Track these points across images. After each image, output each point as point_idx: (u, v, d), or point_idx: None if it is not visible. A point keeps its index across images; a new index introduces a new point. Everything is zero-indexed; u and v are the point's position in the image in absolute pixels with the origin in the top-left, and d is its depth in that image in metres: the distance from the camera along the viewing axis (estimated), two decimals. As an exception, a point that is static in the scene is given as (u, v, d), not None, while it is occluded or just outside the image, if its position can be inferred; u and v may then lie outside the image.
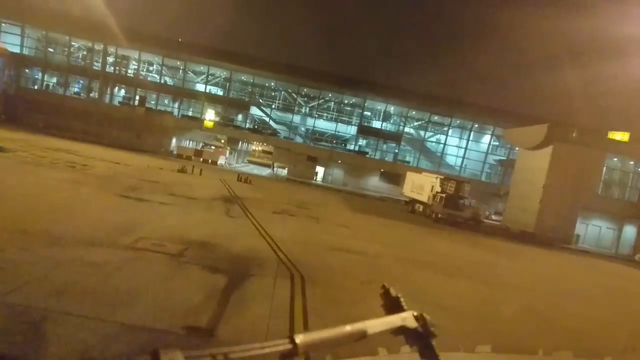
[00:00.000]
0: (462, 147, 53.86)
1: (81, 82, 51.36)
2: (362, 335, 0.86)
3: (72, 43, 49.30)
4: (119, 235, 9.27)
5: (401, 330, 0.97)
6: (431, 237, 21.03)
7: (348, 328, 0.84)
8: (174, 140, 51.12)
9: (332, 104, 54.94)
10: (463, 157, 53.40)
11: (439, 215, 27.83)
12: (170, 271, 7.65)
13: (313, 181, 49.94)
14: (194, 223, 12.42)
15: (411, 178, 33.65)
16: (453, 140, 54.11)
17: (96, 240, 8.61)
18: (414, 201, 32.23)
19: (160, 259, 8.25)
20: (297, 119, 53.79)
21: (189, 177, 25.41)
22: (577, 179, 29.78)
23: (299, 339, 0.74)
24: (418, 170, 42.29)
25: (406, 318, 0.98)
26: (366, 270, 10.90)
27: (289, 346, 0.73)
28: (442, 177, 29.97)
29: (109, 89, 50.38)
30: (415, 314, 1.00)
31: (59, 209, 11.01)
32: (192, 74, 53.41)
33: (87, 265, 7.11)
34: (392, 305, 1.03)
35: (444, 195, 28.16)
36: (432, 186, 29.58)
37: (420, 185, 31.21)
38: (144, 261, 7.94)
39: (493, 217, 43.49)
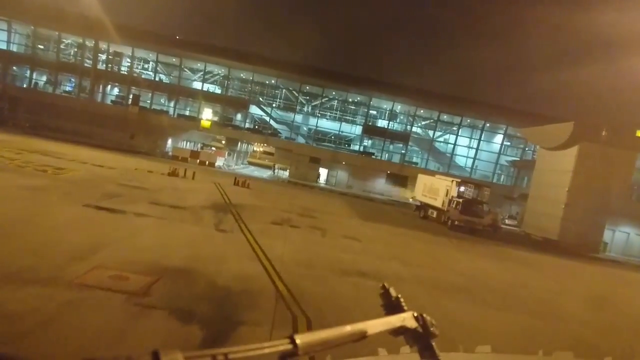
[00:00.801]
0: (473, 148, 51.60)
1: (71, 80, 49.38)
2: (362, 336, 0.87)
3: (62, 39, 47.29)
4: (67, 264, 7.07)
5: (401, 331, 0.97)
6: (451, 249, 18.78)
7: (348, 328, 0.85)
8: (169, 141, 49.07)
9: (335, 103, 52.80)
10: (474, 158, 51.10)
11: (456, 223, 25.57)
12: (121, 327, 5.42)
13: (316, 184, 47.77)
14: (174, 241, 10.21)
15: (423, 181, 31.39)
16: (463, 140, 51.83)
17: (31, 273, 6.40)
18: (426, 206, 29.99)
19: (113, 302, 6.02)
20: (299, 118, 51.66)
21: (179, 181, 23.21)
22: (606, 182, 27.46)
23: (299, 339, 0.74)
24: (430, 172, 40.07)
25: (406, 318, 0.99)
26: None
27: (289, 346, 0.73)
28: (458, 180, 27.73)
29: (100, 88, 48.34)
30: (415, 314, 1.00)
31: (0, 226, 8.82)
32: (188, 71, 51.36)
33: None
34: (392, 306, 1.03)
35: (461, 200, 25.90)
36: (447, 190, 27.34)
37: (434, 189, 28.96)
38: (87, 309, 5.72)
39: (507, 221, 41.27)
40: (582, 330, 9.37)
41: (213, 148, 51.56)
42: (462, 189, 26.93)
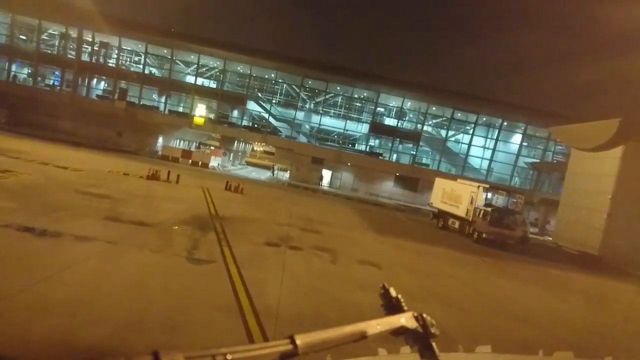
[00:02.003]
0: (489, 148, 48.17)
1: (54, 72, 46.17)
2: (362, 336, 0.88)
3: (43, 28, 44.01)
4: None
5: (401, 331, 0.98)
6: (490, 273, 15.39)
7: (348, 328, 0.86)
8: (160, 140, 45.83)
9: (340, 99, 49.43)
10: (490, 160, 47.66)
11: (484, 236, 22.16)
12: None
13: (319, 186, 44.43)
14: (111, 286, 6.86)
15: (442, 186, 27.98)
16: (478, 140, 48.37)
17: None
18: (445, 215, 26.58)
19: None
20: (300, 115, 48.30)
21: (159, 187, 19.86)
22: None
23: (300, 339, 0.75)
24: (444, 175, 36.74)
25: (406, 318, 0.99)
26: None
27: (290, 346, 0.74)
28: (486, 186, 24.34)
29: (85, 81, 45.03)
30: (415, 314, 1.01)
31: None
32: (180, 64, 48.04)
33: None
34: (392, 306, 1.03)
35: (490, 209, 22.50)
36: (472, 197, 23.94)
37: (456, 196, 25.56)
38: None
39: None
40: None
41: (212, 147, 48.40)
42: (490, 196, 23.56)
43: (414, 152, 48.38)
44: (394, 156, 48.82)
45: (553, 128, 33.04)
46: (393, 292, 1.07)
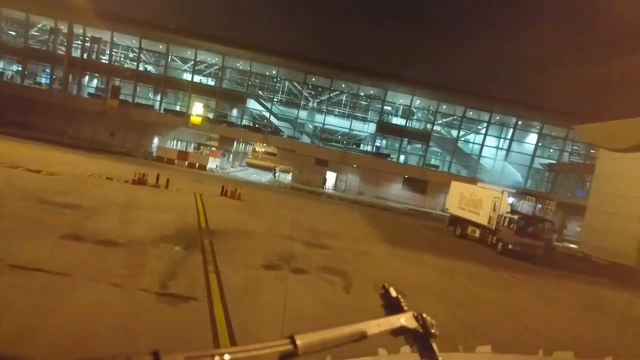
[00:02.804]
0: (503, 149, 45.89)
1: (42, 69, 44.22)
2: (363, 336, 0.89)
3: (31, 21, 42.03)
4: None
5: (401, 331, 0.98)
6: (525, 293, 13.21)
7: (348, 328, 0.87)
8: (155, 140, 43.82)
9: (345, 97, 47.32)
10: (504, 161, 45.38)
11: (510, 247, 19.95)
12: None
13: (323, 189, 42.34)
14: (37, 350, 4.71)
15: (459, 190, 25.77)
16: (491, 140, 46.10)
17: None
18: (464, 222, 24.39)
19: None
20: (303, 114, 46.12)
21: (145, 193, 17.74)
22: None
23: (300, 339, 0.76)
24: (463, 178, 34.61)
25: (406, 318, 1.00)
26: None
27: (290, 347, 0.74)
28: (512, 190, 22.17)
29: (75, 78, 43.02)
30: (415, 314, 1.02)
31: None
32: (176, 60, 46.01)
33: None
34: (392, 306, 1.04)
35: (516, 217, 20.32)
36: (495, 203, 21.75)
37: (476, 201, 23.36)
38: None
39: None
40: None
41: (213, 148, 46.40)
42: (516, 202, 21.36)
43: (423, 153, 46.14)
44: (402, 157, 46.64)
45: (577, 127, 30.80)
46: (393, 292, 1.05)
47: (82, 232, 9.66)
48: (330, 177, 44.71)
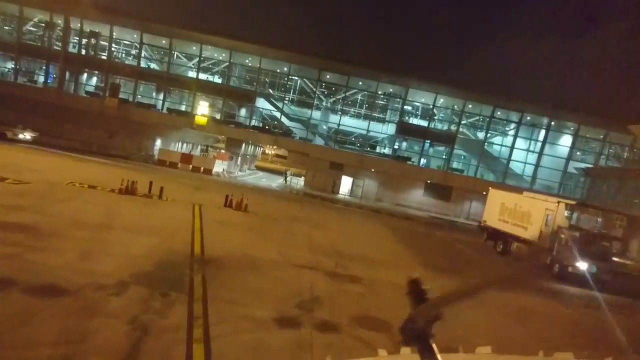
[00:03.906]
0: (534, 152, 42.44)
1: (37, 66, 41.88)
2: None
3: (25, 15, 39.69)
4: None
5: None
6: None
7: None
8: (158, 142, 41.22)
9: (362, 96, 44.27)
10: (536, 165, 41.93)
11: (569, 269, 16.73)
12: None
13: (338, 195, 39.37)
14: None
15: (499, 200, 22.54)
16: (521, 142, 42.71)
17: None
18: (506, 237, 21.15)
19: None
20: (317, 114, 43.13)
21: (131, 206, 14.83)
22: None
23: None
24: (491, 184, 31.33)
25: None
26: None
27: None
28: (570, 202, 18.93)
29: (72, 75, 40.57)
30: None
31: None
32: (180, 56, 43.36)
33: None
34: (418, 296, 1.06)
35: (577, 234, 17.12)
36: (548, 216, 18.54)
37: (523, 214, 20.12)
38: None
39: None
40: None
41: (222, 150, 43.74)
42: (576, 215, 18.14)
43: (447, 156, 42.89)
44: (424, 161, 43.45)
45: (633, 127, 27.37)
46: (423, 285, 1.06)
47: (16, 273, 6.77)
48: (346, 182, 41.71)
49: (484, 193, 39.76)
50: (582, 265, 16.53)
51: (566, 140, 43.07)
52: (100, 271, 7.62)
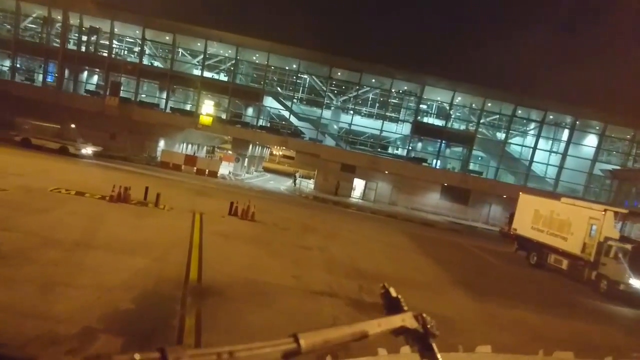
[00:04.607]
0: (558, 152, 40.33)
1: (35, 63, 40.55)
2: (364, 335, 0.91)
3: (22, 10, 38.33)
4: None
5: (401, 331, 1.00)
6: None
7: (350, 328, 0.89)
8: (161, 143, 39.70)
9: (375, 94, 42.40)
10: (560, 167, 39.79)
11: (621, 287, 14.76)
12: None
13: (350, 198, 37.59)
14: None
15: (533, 206, 20.53)
16: (544, 143, 40.65)
17: None
18: (541, 247, 19.17)
19: None
20: (327, 113, 41.35)
21: (121, 216, 13.05)
22: None
23: (303, 338, 0.78)
24: (513, 186, 29.33)
25: (406, 318, 1.01)
26: None
27: (293, 345, 0.76)
28: (621, 211, 16.91)
29: (71, 73, 39.16)
30: (415, 314, 1.03)
31: None
32: (185, 53, 41.79)
33: None
34: (393, 306, 1.06)
35: (630, 247, 15.12)
36: (592, 226, 16.56)
37: (561, 222, 18.12)
38: None
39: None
40: None
41: (229, 152, 42.20)
42: (627, 225, 16.14)
43: (465, 158, 40.88)
44: (440, 162, 41.51)
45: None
46: (393, 292, 1.07)
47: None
48: (359, 184, 39.91)
49: (504, 196, 38.15)
50: (637, 283, 14.57)
51: (591, 140, 40.91)
52: (61, 313, 5.83)
